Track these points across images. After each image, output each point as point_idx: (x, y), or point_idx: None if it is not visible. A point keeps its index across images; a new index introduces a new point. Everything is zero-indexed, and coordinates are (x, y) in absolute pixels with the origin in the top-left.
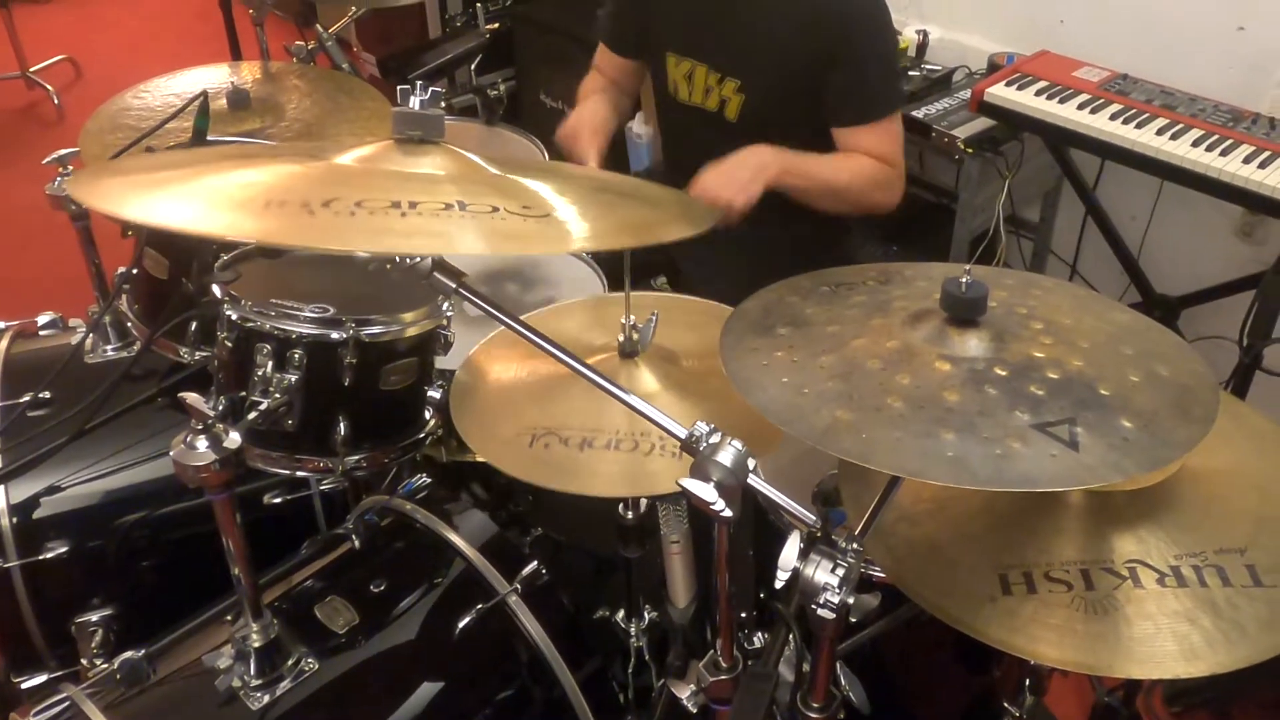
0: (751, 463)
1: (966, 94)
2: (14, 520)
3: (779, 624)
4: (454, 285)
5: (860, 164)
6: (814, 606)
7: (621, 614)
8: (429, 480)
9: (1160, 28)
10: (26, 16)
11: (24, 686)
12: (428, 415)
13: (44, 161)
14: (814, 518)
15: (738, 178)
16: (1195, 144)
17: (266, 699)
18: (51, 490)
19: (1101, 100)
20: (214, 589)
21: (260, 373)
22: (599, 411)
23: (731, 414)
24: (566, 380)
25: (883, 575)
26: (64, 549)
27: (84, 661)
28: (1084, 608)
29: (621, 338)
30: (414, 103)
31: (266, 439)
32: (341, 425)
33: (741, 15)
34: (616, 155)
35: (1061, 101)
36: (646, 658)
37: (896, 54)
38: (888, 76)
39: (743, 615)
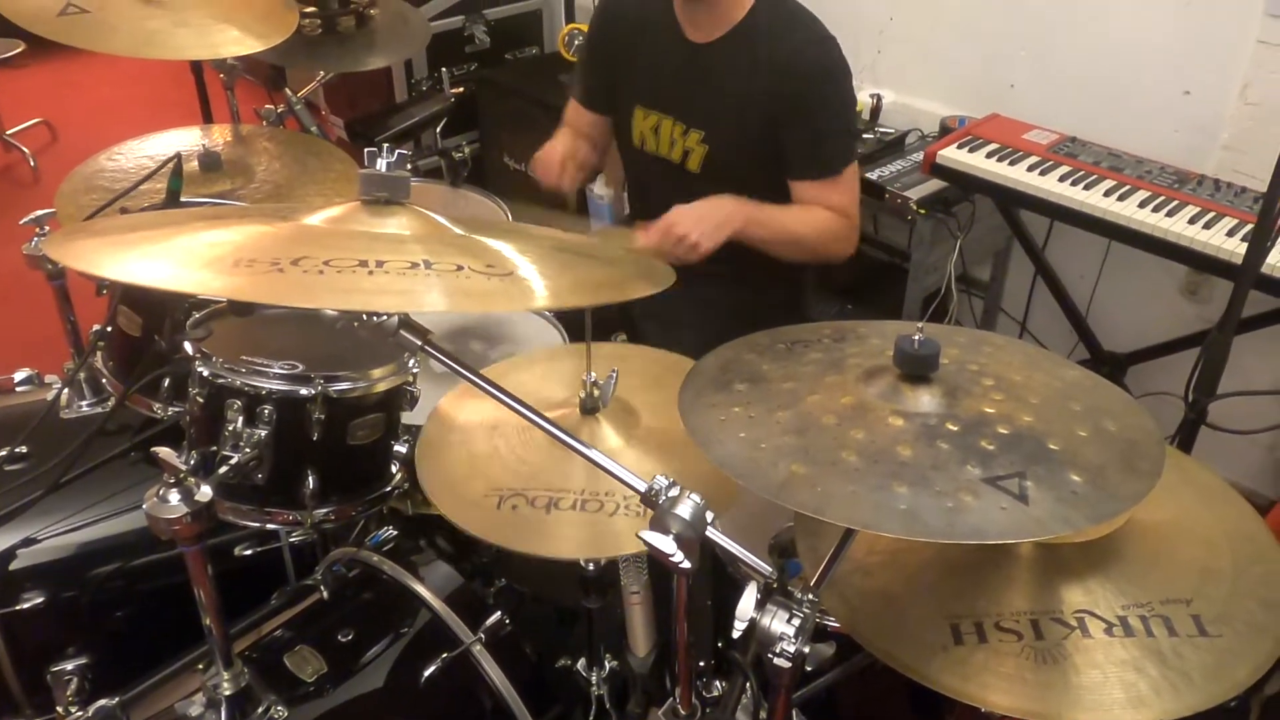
0: (710, 515)
1: (919, 156)
2: None
3: (736, 672)
4: (420, 342)
5: (818, 217)
6: (770, 655)
7: (583, 663)
8: (395, 532)
9: (1108, 92)
10: (3, 81)
11: None
12: (394, 469)
13: (21, 222)
14: (770, 569)
15: (707, 219)
16: (1142, 205)
17: None
18: (28, 542)
19: (1051, 162)
20: (186, 638)
21: (231, 428)
22: (563, 468)
23: (690, 468)
24: (531, 437)
25: (837, 625)
26: (40, 599)
27: (60, 709)
28: (1034, 657)
29: (583, 394)
30: (381, 165)
31: (237, 492)
32: (310, 479)
33: (707, 71)
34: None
35: (1012, 163)
36: (607, 706)
37: (854, 111)
38: (844, 133)
39: (701, 664)
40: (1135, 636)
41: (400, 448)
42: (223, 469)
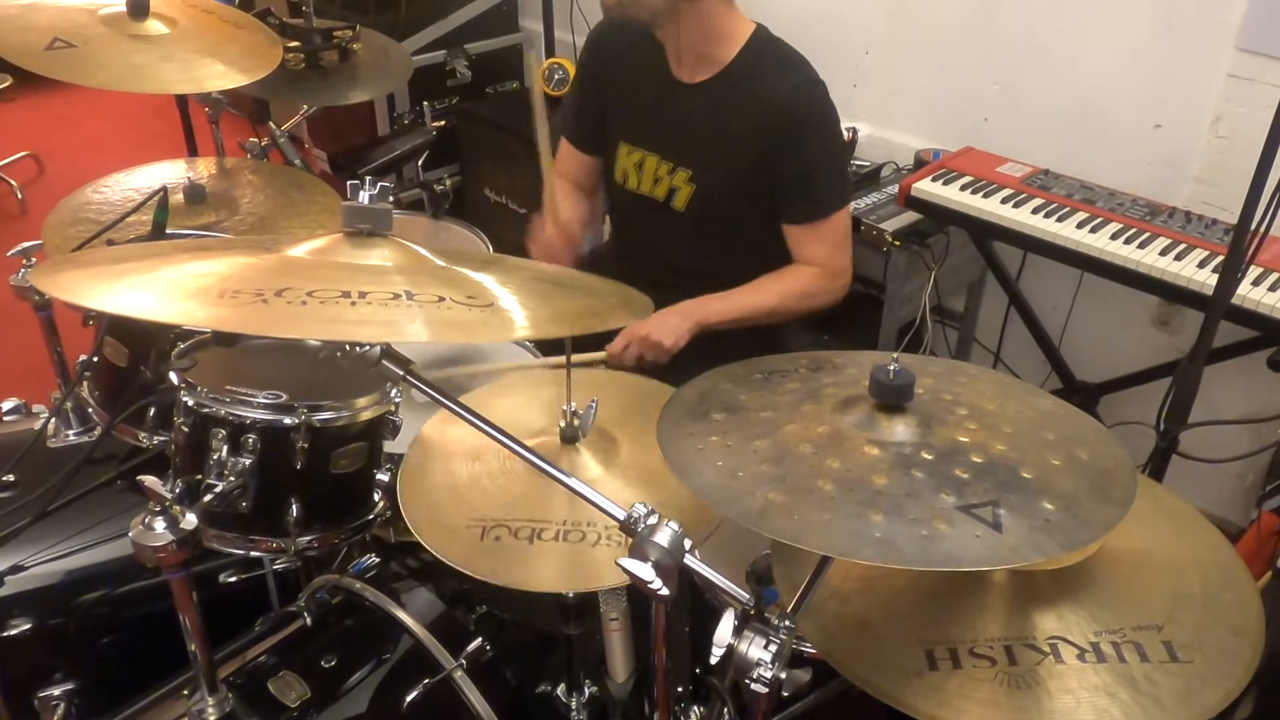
0: (688, 543)
1: (894, 189)
2: None
3: (714, 698)
4: (402, 372)
5: (788, 282)
6: (748, 681)
7: (563, 688)
8: (378, 560)
9: (1081, 126)
10: None
11: None
12: (376, 497)
13: (8, 254)
14: (748, 596)
15: (667, 324)
16: (1114, 237)
17: None
18: (15, 570)
19: (1024, 195)
20: (171, 664)
21: (216, 457)
22: (544, 497)
23: (669, 496)
24: (512, 466)
25: (814, 651)
26: (27, 626)
27: None
28: (1007, 682)
29: (562, 424)
30: (363, 197)
31: (222, 520)
32: (294, 507)
33: (695, 110)
34: None
35: (985, 196)
36: None
37: (844, 154)
38: (834, 175)
39: (679, 690)
40: (1107, 662)
41: (383, 476)
42: (207, 497)
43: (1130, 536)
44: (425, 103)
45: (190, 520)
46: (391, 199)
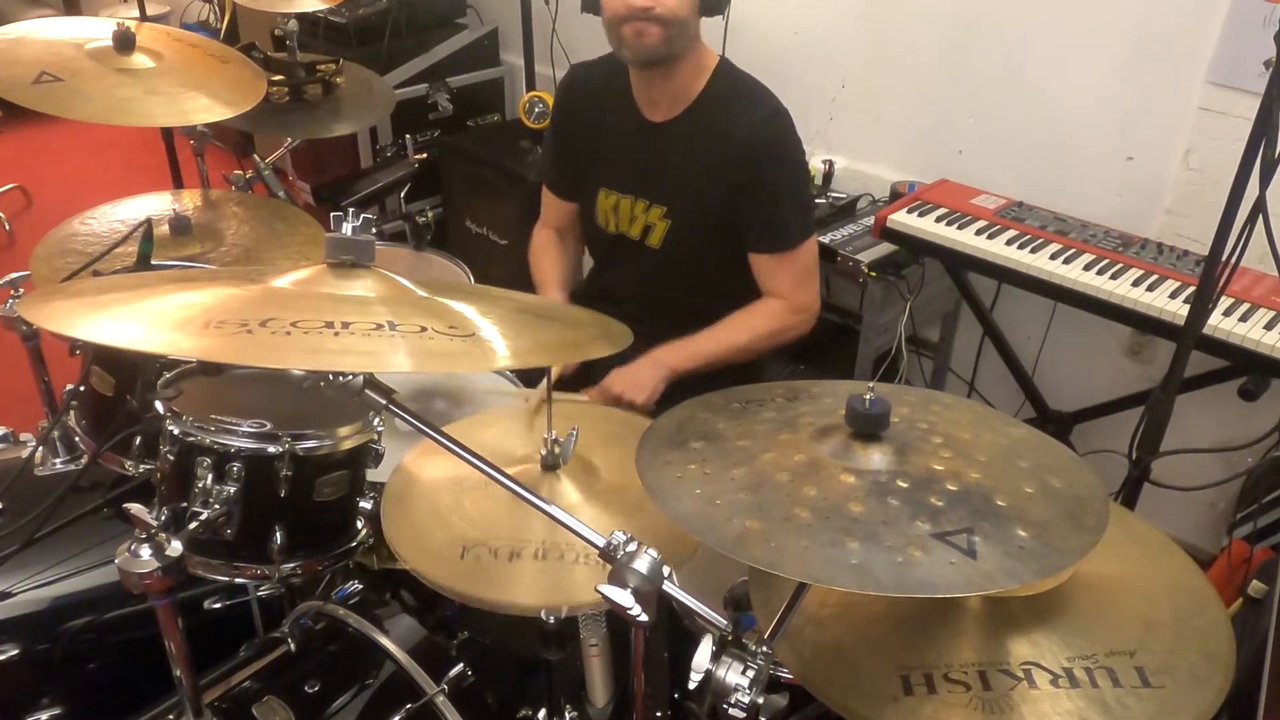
0: (666, 570)
1: (870, 220)
2: None
3: None
4: (384, 402)
5: (757, 318)
6: (725, 706)
7: (543, 713)
8: (361, 586)
9: (1054, 158)
10: None
11: None
12: (359, 525)
13: None
14: (725, 622)
15: (641, 380)
16: (1087, 268)
17: None
18: (2, 596)
19: (998, 226)
20: (157, 689)
21: (201, 485)
22: (524, 522)
23: (648, 524)
24: (493, 493)
25: (791, 676)
26: (14, 651)
27: None
28: (982, 707)
29: (544, 451)
30: (346, 229)
31: (207, 547)
32: (278, 534)
33: (666, 148)
34: None
35: (960, 228)
36: None
37: (809, 187)
38: (799, 206)
39: (658, 715)
40: (1080, 687)
41: (365, 504)
42: (193, 524)
43: (1103, 563)
44: (408, 135)
45: (175, 547)
46: (374, 231)
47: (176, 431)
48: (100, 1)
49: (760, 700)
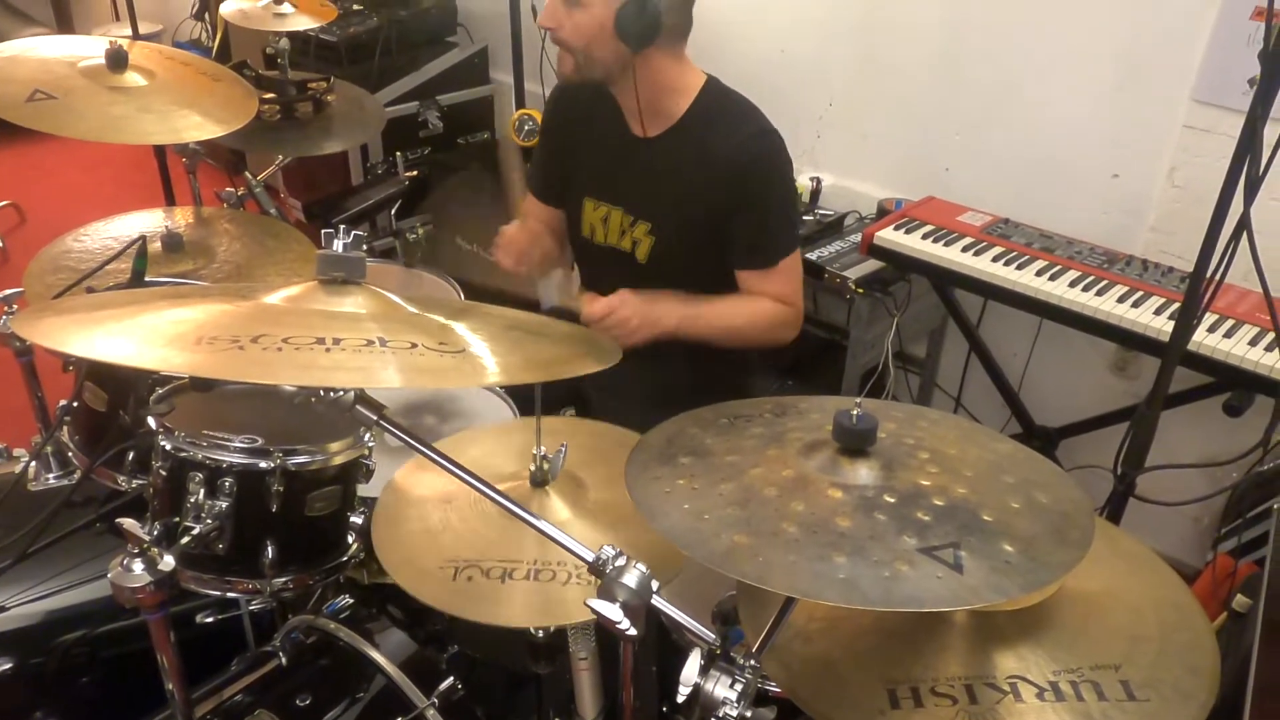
0: (655, 584)
1: (857, 237)
2: None
3: None
4: (375, 417)
5: (757, 307)
6: (714, 719)
7: None
8: (351, 601)
9: (1040, 175)
10: None
11: None
12: (350, 540)
13: None
14: (714, 636)
15: (646, 313)
16: (1073, 284)
17: None
18: None
19: (984, 243)
20: (149, 703)
21: (193, 500)
22: (515, 538)
23: (637, 538)
24: (483, 509)
25: (778, 690)
26: (8, 665)
27: None
28: None
29: (533, 467)
30: (337, 246)
31: (199, 562)
32: (269, 549)
33: (653, 164)
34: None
35: (946, 244)
36: None
37: (795, 202)
38: (786, 223)
39: None
40: (1066, 701)
41: (356, 519)
42: (185, 539)
43: (1088, 578)
44: (398, 153)
45: (168, 562)
46: (365, 247)
47: (169, 447)
48: (93, 20)
49: (748, 713)
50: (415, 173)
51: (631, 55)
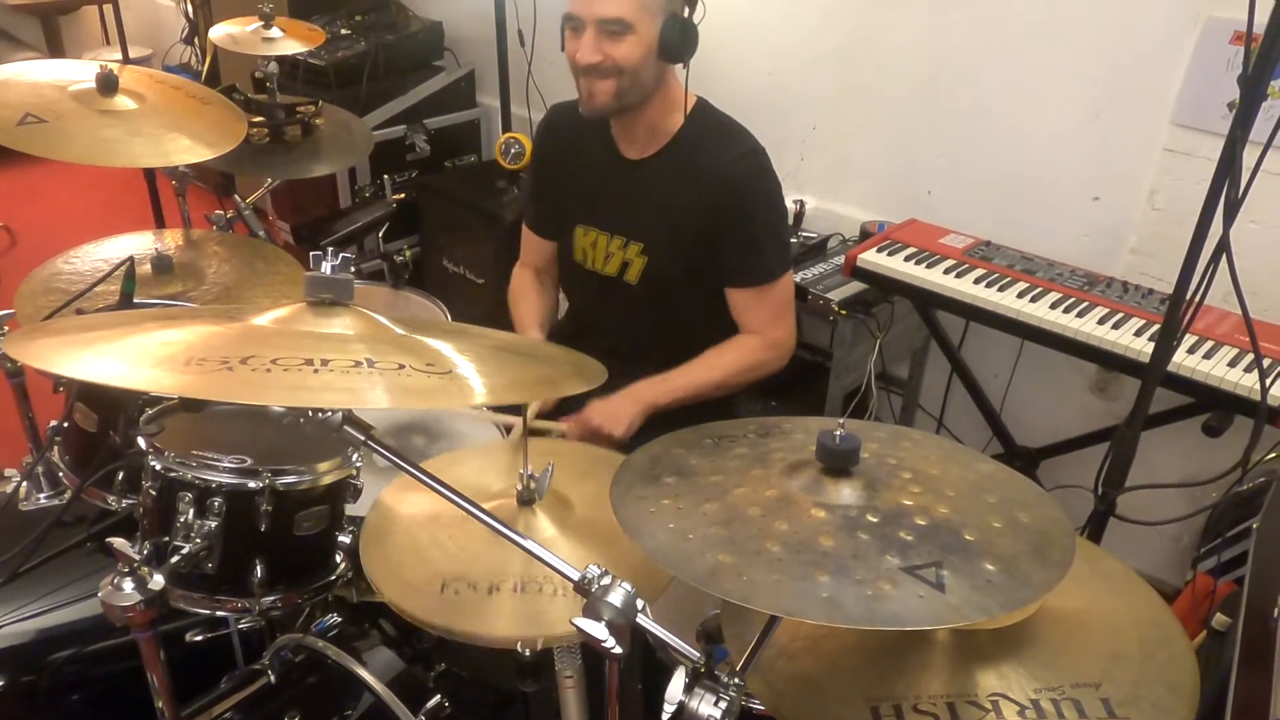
0: (640, 603)
1: (840, 259)
2: None
3: None
4: (363, 437)
5: (732, 356)
6: None
7: None
8: (340, 619)
9: (1021, 198)
10: None
11: None
12: (339, 559)
13: None
14: (698, 654)
15: (618, 413)
16: (1053, 306)
17: None
18: None
19: (966, 265)
20: None
21: (182, 519)
22: (501, 556)
23: (622, 557)
24: (470, 527)
25: (763, 708)
26: (0, 683)
27: None
28: None
29: (519, 486)
30: (325, 268)
31: (188, 581)
32: (258, 568)
33: (642, 185)
34: None
35: (929, 266)
36: None
37: (786, 223)
38: (777, 242)
39: None
40: (1047, 718)
41: (344, 538)
42: (174, 558)
43: (1069, 597)
44: (386, 176)
45: (158, 581)
46: (353, 269)
47: (158, 467)
48: (84, 44)
49: None
50: (403, 195)
51: (665, 73)
